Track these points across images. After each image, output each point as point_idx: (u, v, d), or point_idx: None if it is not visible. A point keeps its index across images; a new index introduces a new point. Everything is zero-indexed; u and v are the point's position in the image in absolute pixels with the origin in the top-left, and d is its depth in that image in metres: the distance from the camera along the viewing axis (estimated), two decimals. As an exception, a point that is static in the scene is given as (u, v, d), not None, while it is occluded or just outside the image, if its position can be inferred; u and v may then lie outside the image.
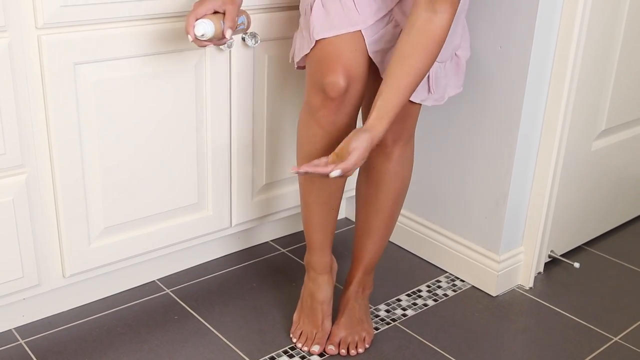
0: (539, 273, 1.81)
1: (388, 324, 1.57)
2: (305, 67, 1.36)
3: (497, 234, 1.67)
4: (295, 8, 1.57)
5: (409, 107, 1.37)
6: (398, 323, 1.58)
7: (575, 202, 1.82)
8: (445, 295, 1.70)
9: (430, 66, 1.19)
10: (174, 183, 1.55)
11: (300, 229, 1.96)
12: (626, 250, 1.95)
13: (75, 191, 1.40)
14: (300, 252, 1.84)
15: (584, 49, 1.57)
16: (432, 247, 1.82)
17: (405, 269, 1.80)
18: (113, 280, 1.62)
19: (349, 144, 1.17)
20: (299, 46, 1.35)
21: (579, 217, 1.87)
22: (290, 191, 1.78)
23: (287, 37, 1.60)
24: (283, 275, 1.75)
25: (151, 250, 1.58)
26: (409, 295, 1.69)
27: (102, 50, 1.34)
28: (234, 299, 1.64)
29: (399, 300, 1.67)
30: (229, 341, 1.49)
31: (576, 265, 1.81)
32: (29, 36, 1.26)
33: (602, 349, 1.53)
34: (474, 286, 1.74)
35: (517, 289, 1.74)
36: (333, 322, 1.50)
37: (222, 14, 1.26)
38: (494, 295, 1.70)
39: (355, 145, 1.17)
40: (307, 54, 1.30)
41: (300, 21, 1.35)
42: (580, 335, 1.57)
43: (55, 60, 1.29)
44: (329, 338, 1.48)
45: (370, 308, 1.62)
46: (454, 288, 1.73)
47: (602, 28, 1.62)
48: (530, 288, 1.74)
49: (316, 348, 1.46)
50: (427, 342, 1.52)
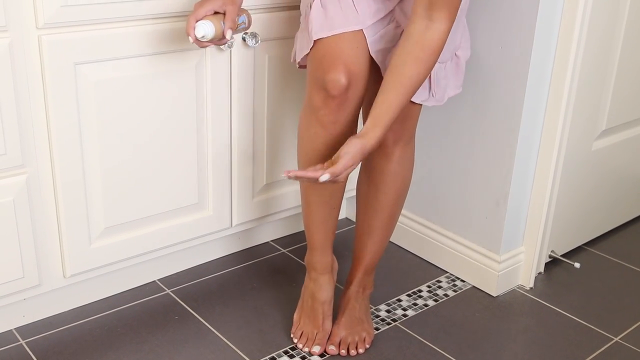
0: (540, 273, 1.80)
1: (388, 324, 1.57)
2: (305, 67, 1.36)
3: (498, 234, 1.67)
4: (295, 8, 1.57)
5: (409, 108, 1.37)
6: (398, 323, 1.58)
7: (575, 202, 1.82)
8: (446, 295, 1.70)
9: (426, 75, 1.20)
10: (174, 183, 1.55)
11: (300, 229, 1.96)
12: (627, 250, 1.95)
13: (76, 191, 1.40)
14: (300, 252, 1.84)
15: (585, 48, 1.57)
16: (433, 247, 1.82)
17: (405, 269, 1.80)
18: (113, 280, 1.62)
19: (341, 150, 1.18)
20: (300, 46, 1.35)
21: (579, 217, 1.86)
22: (290, 191, 1.78)
23: (288, 37, 1.60)
24: (283, 275, 1.74)
25: (152, 251, 1.58)
26: (409, 295, 1.69)
27: (103, 50, 1.34)
28: (234, 299, 1.64)
29: (400, 300, 1.67)
30: (230, 341, 1.49)
31: (577, 265, 1.81)
32: (29, 36, 1.26)
33: (603, 349, 1.53)
34: (474, 286, 1.74)
35: (518, 289, 1.74)
36: (333, 322, 1.49)
37: (223, 15, 1.26)
38: (495, 295, 1.70)
39: (345, 150, 1.18)
40: (308, 53, 1.30)
41: (300, 21, 1.35)
42: (580, 336, 1.57)
43: (55, 60, 1.29)
44: (329, 338, 1.48)
45: (371, 308, 1.62)
46: (454, 288, 1.73)
47: (603, 28, 1.62)
48: (531, 288, 1.74)
49: (317, 349, 1.46)
50: (428, 343, 1.51)
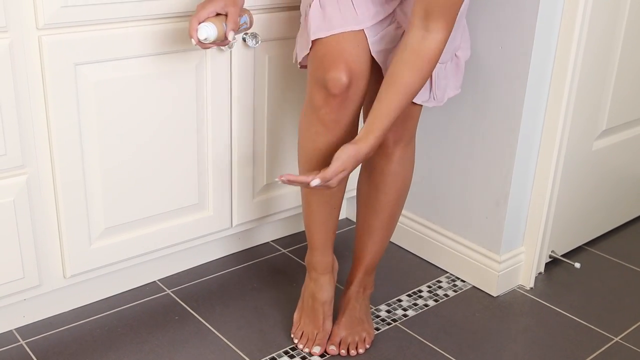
0: (540, 273, 1.80)
1: (389, 324, 1.57)
2: (306, 67, 1.36)
3: (498, 234, 1.67)
4: (295, 8, 1.57)
5: (410, 108, 1.37)
6: (399, 323, 1.58)
7: (576, 202, 1.82)
8: (446, 295, 1.70)
9: (422, 84, 1.20)
10: (174, 183, 1.55)
11: (300, 230, 1.96)
12: (627, 250, 1.95)
13: (76, 191, 1.40)
14: (300, 253, 1.84)
15: (585, 48, 1.57)
16: (433, 248, 1.82)
17: (405, 269, 1.80)
18: (114, 280, 1.62)
19: (335, 155, 1.19)
20: (300, 46, 1.35)
21: (579, 217, 1.86)
22: (290, 192, 1.78)
23: (288, 37, 1.60)
24: (284, 275, 1.74)
25: (152, 251, 1.58)
26: (409, 295, 1.69)
27: (103, 50, 1.34)
28: (234, 300, 1.64)
29: (400, 300, 1.67)
30: (230, 342, 1.49)
31: (577, 265, 1.81)
32: (29, 37, 1.26)
33: (603, 349, 1.53)
34: (474, 286, 1.74)
35: (518, 289, 1.74)
36: (334, 322, 1.49)
37: (224, 16, 1.26)
38: (495, 295, 1.70)
39: (337, 155, 1.19)
40: (310, 50, 1.30)
41: (301, 21, 1.35)
42: (581, 336, 1.57)
43: (55, 60, 1.29)
44: (329, 338, 1.48)
45: (371, 308, 1.62)
46: (454, 288, 1.73)
47: (603, 28, 1.62)
48: (531, 288, 1.74)
49: (317, 349, 1.46)
50: (428, 343, 1.51)
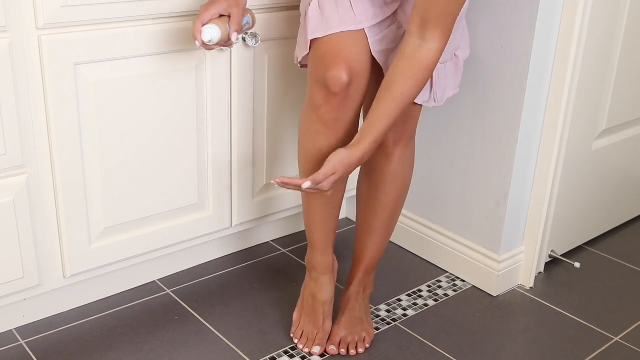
0: (540, 273, 1.80)
1: (389, 324, 1.57)
2: (306, 66, 1.37)
3: (498, 234, 1.67)
4: (295, 8, 1.57)
5: (410, 108, 1.37)
6: (399, 323, 1.58)
7: (576, 202, 1.82)
8: (446, 295, 1.70)
9: (416, 93, 1.21)
10: (174, 183, 1.55)
11: (300, 229, 1.96)
12: (627, 250, 1.95)
13: (76, 191, 1.40)
14: (300, 252, 1.84)
15: (585, 48, 1.57)
16: (433, 247, 1.82)
17: (405, 269, 1.80)
18: (113, 280, 1.62)
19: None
20: (300, 46, 1.35)
21: (579, 217, 1.86)
22: (290, 191, 1.78)
23: (287, 37, 1.60)
24: (283, 275, 1.74)
25: (152, 251, 1.58)
26: (409, 295, 1.69)
27: (103, 50, 1.34)
28: (234, 299, 1.64)
29: (400, 300, 1.66)
30: (230, 341, 1.49)
31: (577, 265, 1.81)
32: (29, 36, 1.26)
33: (603, 348, 1.53)
34: (474, 286, 1.74)
35: (518, 289, 1.74)
36: (333, 322, 1.49)
37: (228, 17, 1.27)
38: (495, 295, 1.70)
39: (329, 158, 1.20)
40: (310, 50, 1.30)
41: (300, 22, 1.35)
42: (581, 335, 1.57)
43: (55, 60, 1.29)
44: (329, 338, 1.48)
45: (371, 308, 1.62)
46: (454, 288, 1.73)
47: (603, 28, 1.62)
48: (531, 288, 1.74)
49: (317, 349, 1.46)
50: (428, 342, 1.51)
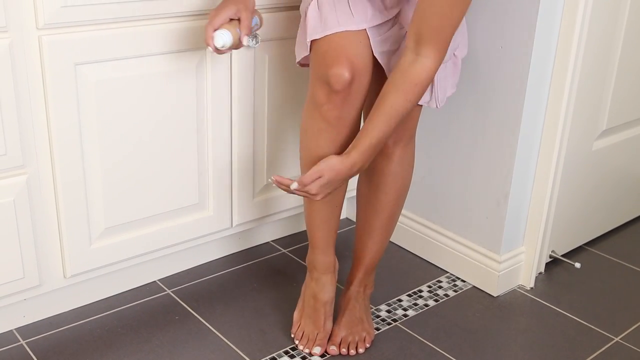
0: (540, 273, 1.80)
1: (389, 324, 1.57)
2: (305, 65, 1.37)
3: (498, 234, 1.67)
4: (295, 8, 1.57)
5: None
6: (399, 323, 1.58)
7: (576, 202, 1.81)
8: (446, 295, 1.70)
9: (408, 107, 1.22)
10: (174, 183, 1.55)
11: (300, 230, 1.96)
12: (627, 250, 1.95)
13: (76, 191, 1.40)
14: (300, 253, 1.84)
15: (585, 48, 1.57)
16: (433, 247, 1.82)
17: (406, 269, 1.80)
18: (114, 280, 1.62)
19: None
20: (299, 46, 1.35)
21: (580, 217, 1.86)
22: (291, 191, 1.78)
23: (288, 37, 1.60)
24: (284, 275, 1.74)
25: (152, 251, 1.58)
26: (409, 295, 1.69)
27: (103, 50, 1.34)
28: (234, 300, 1.64)
29: (400, 300, 1.66)
30: (230, 341, 1.49)
31: (577, 265, 1.81)
32: (29, 37, 1.26)
33: (604, 349, 1.53)
34: (474, 286, 1.74)
35: (518, 289, 1.74)
36: (334, 322, 1.49)
37: (237, 20, 1.28)
38: (495, 295, 1.70)
39: (319, 162, 1.23)
40: (311, 49, 1.30)
41: (300, 22, 1.36)
42: (581, 336, 1.57)
43: (56, 60, 1.29)
44: (329, 338, 1.48)
45: (371, 308, 1.62)
46: (454, 288, 1.73)
47: (603, 27, 1.62)
48: (531, 288, 1.74)
49: (317, 349, 1.45)
50: (428, 343, 1.51)
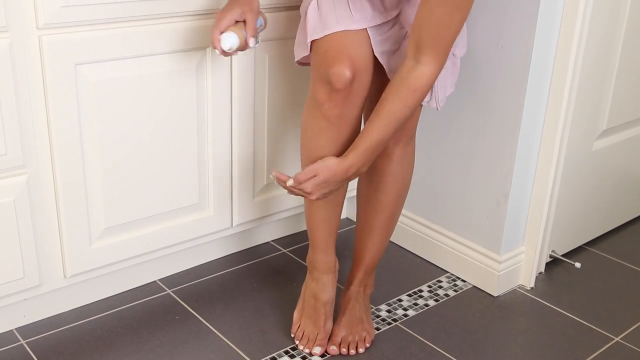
0: (540, 273, 1.80)
1: (389, 324, 1.57)
2: (304, 64, 1.37)
3: (498, 234, 1.67)
4: (295, 8, 1.57)
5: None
6: (399, 323, 1.58)
7: (576, 202, 1.81)
8: (447, 295, 1.70)
9: (405, 114, 1.23)
10: (174, 183, 1.55)
11: (301, 229, 1.96)
12: (627, 250, 1.95)
13: (76, 191, 1.40)
14: (301, 253, 1.84)
15: (585, 48, 1.57)
16: (433, 247, 1.82)
17: (406, 269, 1.80)
18: (114, 280, 1.62)
19: None
20: (299, 46, 1.35)
21: (580, 217, 1.86)
22: (291, 191, 1.78)
23: (288, 37, 1.60)
24: (284, 275, 1.74)
25: (152, 251, 1.58)
26: (410, 295, 1.69)
27: (103, 50, 1.34)
28: (235, 299, 1.64)
29: (400, 300, 1.66)
30: (230, 341, 1.49)
31: (577, 265, 1.81)
32: (30, 36, 1.26)
33: (604, 349, 1.53)
34: (475, 286, 1.74)
35: (518, 289, 1.74)
36: (334, 322, 1.49)
37: (243, 22, 1.29)
38: (495, 295, 1.70)
39: (317, 161, 1.25)
40: (312, 48, 1.30)
41: (300, 22, 1.36)
42: (581, 335, 1.57)
43: (56, 60, 1.29)
44: (330, 338, 1.48)
45: (372, 308, 1.62)
46: (455, 288, 1.73)
47: (604, 27, 1.62)
48: (532, 288, 1.74)
49: (317, 350, 1.45)
50: (428, 342, 1.51)
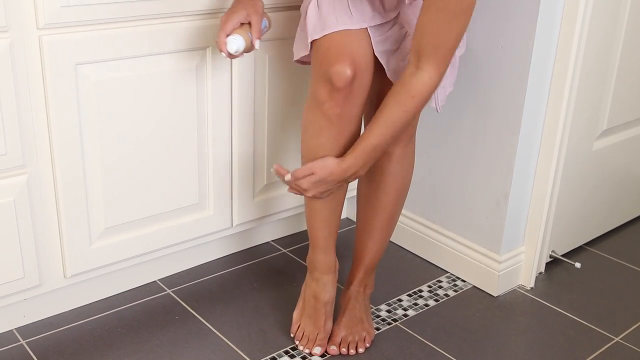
0: (540, 273, 1.80)
1: (389, 324, 1.57)
2: (303, 63, 1.37)
3: (498, 234, 1.67)
4: (295, 8, 1.57)
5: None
6: (399, 323, 1.58)
7: (576, 202, 1.81)
8: (447, 295, 1.70)
9: (404, 119, 1.23)
10: (174, 183, 1.55)
11: (301, 229, 1.96)
12: (627, 250, 1.95)
13: (76, 191, 1.40)
14: (301, 253, 1.84)
15: (585, 48, 1.57)
16: (433, 247, 1.82)
17: (406, 269, 1.80)
18: (114, 280, 1.62)
19: None
20: (298, 45, 1.35)
21: (580, 217, 1.86)
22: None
23: (288, 37, 1.60)
24: (284, 275, 1.74)
25: (152, 251, 1.58)
26: (410, 295, 1.69)
27: (103, 50, 1.34)
28: (235, 299, 1.64)
29: (400, 300, 1.66)
30: (230, 341, 1.49)
31: (577, 265, 1.81)
32: (30, 37, 1.26)
33: (604, 349, 1.53)
34: (475, 286, 1.74)
35: (518, 289, 1.74)
36: (334, 322, 1.49)
37: (248, 24, 1.30)
38: (495, 295, 1.70)
39: (318, 159, 1.26)
40: (312, 48, 1.31)
41: (300, 21, 1.36)
42: (581, 336, 1.57)
43: (56, 60, 1.29)
44: (330, 338, 1.48)
45: (372, 308, 1.62)
46: (455, 288, 1.73)
47: (604, 27, 1.62)
48: (532, 288, 1.74)
49: (317, 350, 1.45)
50: (428, 343, 1.51)
